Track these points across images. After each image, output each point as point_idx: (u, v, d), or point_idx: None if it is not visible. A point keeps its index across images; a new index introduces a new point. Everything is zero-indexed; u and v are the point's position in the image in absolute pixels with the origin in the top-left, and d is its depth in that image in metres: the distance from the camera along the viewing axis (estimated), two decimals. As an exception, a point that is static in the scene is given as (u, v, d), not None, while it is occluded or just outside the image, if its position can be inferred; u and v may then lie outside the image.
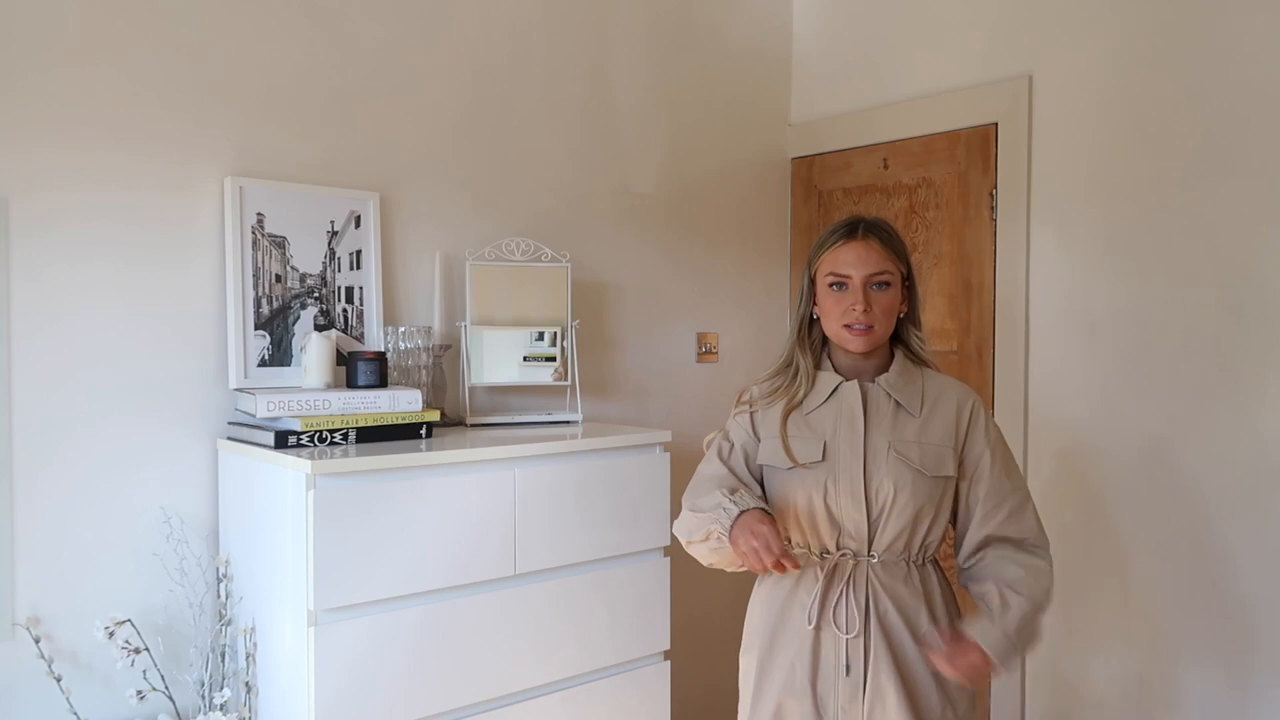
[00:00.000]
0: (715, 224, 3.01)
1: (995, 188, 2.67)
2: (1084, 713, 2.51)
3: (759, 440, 1.71)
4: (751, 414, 1.74)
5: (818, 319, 1.71)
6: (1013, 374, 2.64)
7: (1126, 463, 2.42)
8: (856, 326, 1.63)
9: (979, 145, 2.71)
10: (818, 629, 1.62)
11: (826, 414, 1.67)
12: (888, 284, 1.65)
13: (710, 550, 1.63)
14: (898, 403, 1.65)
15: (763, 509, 1.57)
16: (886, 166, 2.94)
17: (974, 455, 1.66)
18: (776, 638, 1.67)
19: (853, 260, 1.64)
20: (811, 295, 1.72)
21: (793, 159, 3.20)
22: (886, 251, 1.65)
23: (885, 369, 1.70)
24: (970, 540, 1.67)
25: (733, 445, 1.75)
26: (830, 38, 3.10)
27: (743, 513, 1.55)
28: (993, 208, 2.68)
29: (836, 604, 1.62)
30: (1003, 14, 2.65)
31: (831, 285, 1.66)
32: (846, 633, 1.61)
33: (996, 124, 2.66)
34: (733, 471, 1.71)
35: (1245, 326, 2.22)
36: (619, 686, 2.17)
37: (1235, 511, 2.25)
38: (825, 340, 1.73)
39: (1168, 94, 2.33)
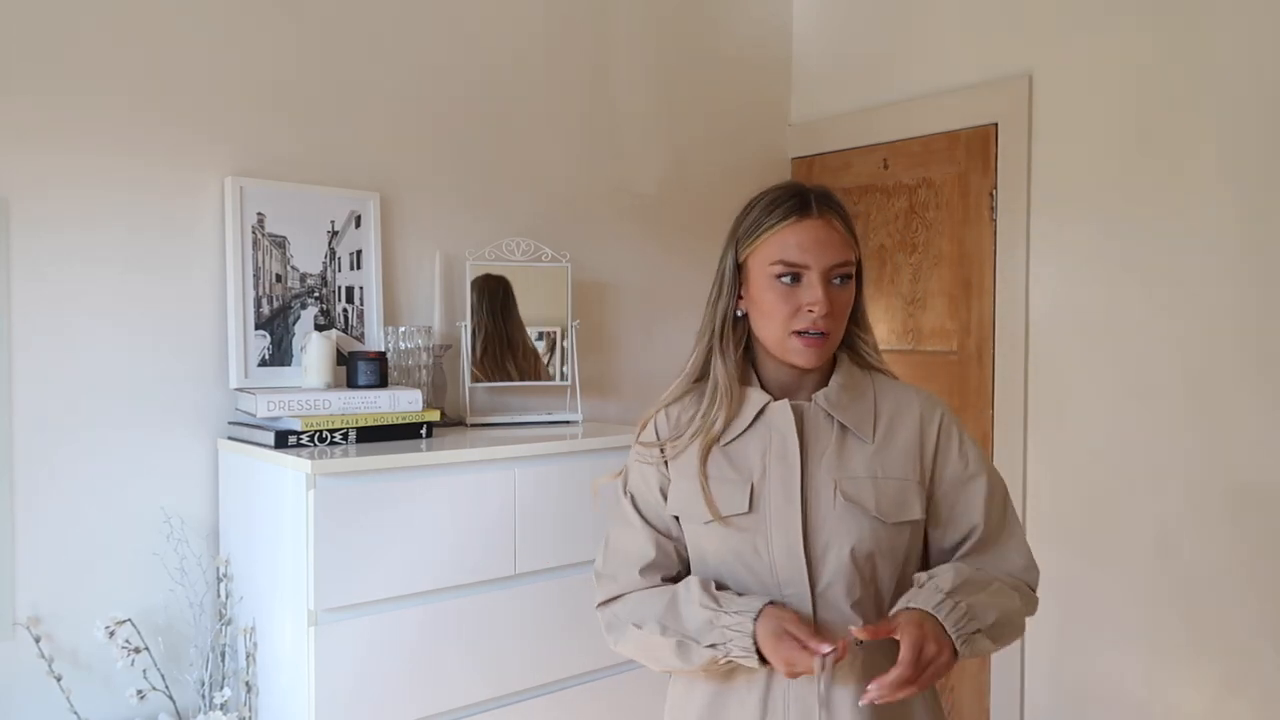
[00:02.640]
0: (715, 224, 2.97)
1: (995, 188, 2.67)
2: (1084, 712, 2.51)
3: (670, 481, 1.33)
4: (661, 447, 1.34)
5: (742, 316, 1.32)
6: (1013, 374, 2.64)
7: (1126, 462, 2.42)
8: (811, 334, 1.25)
9: (979, 145, 2.71)
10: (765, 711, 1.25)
11: (751, 445, 1.29)
12: (849, 277, 1.29)
13: (701, 670, 1.26)
14: (843, 426, 1.28)
15: (772, 602, 1.22)
16: (886, 166, 2.94)
17: (946, 482, 1.31)
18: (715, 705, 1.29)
19: (811, 244, 1.25)
20: (736, 284, 1.32)
21: (793, 159, 3.20)
22: (848, 234, 1.28)
23: (826, 380, 1.32)
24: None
25: (646, 495, 1.35)
26: (830, 38, 3.11)
27: (756, 621, 1.18)
28: (993, 208, 2.68)
29: (785, 697, 1.24)
30: (1003, 14, 2.65)
31: (780, 277, 1.26)
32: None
33: (996, 124, 2.66)
34: (659, 532, 1.34)
35: (1245, 326, 2.22)
36: (619, 686, 2.17)
37: (1234, 511, 2.25)
38: (748, 345, 1.34)
39: (1168, 93, 2.33)
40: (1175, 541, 2.34)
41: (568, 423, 2.40)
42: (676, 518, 1.35)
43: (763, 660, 1.19)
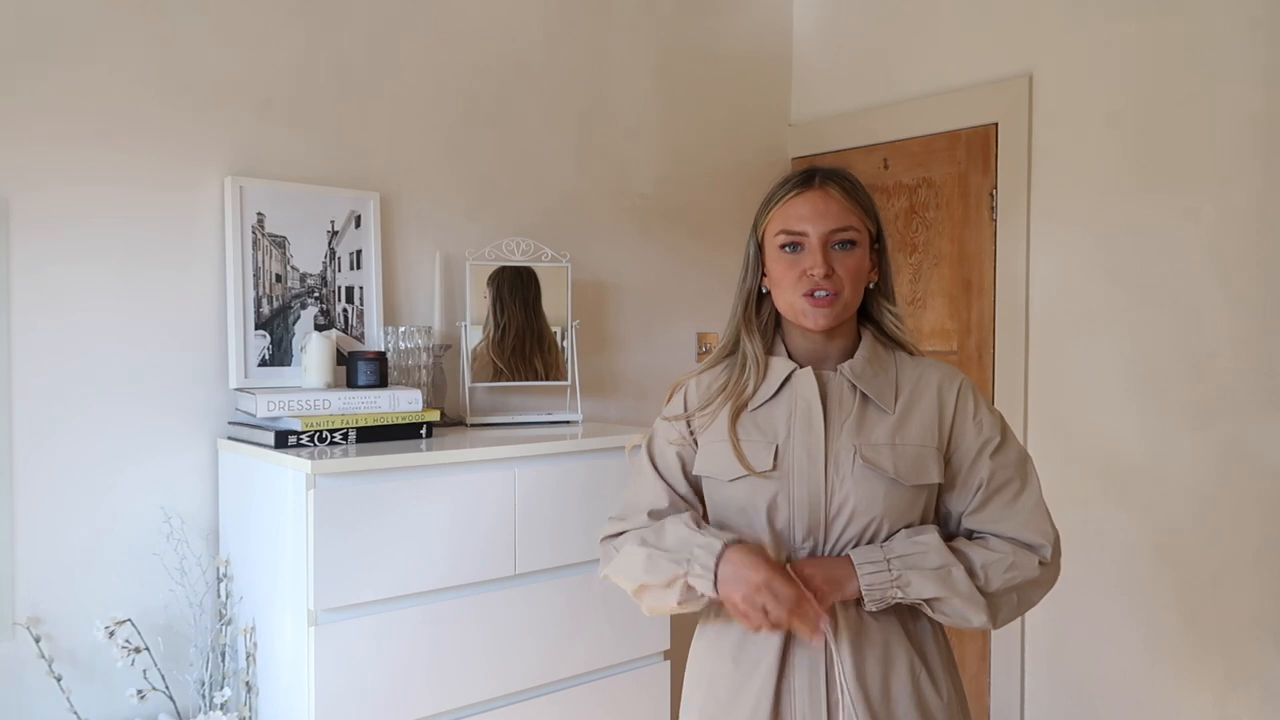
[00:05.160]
0: (715, 224, 3.01)
1: (995, 188, 2.67)
2: (1084, 712, 2.51)
3: (697, 446, 1.42)
4: (688, 419, 1.44)
5: (768, 293, 1.42)
6: (1013, 374, 2.64)
7: (1126, 462, 2.42)
8: (818, 294, 1.33)
9: (979, 145, 2.71)
10: (779, 690, 1.31)
11: (778, 410, 1.37)
12: (853, 243, 1.35)
13: (667, 597, 1.32)
14: (865, 396, 1.36)
15: (746, 542, 1.30)
16: (886, 166, 2.94)
17: (963, 449, 1.36)
18: (726, 693, 1.35)
19: (808, 214, 1.34)
20: (759, 263, 1.41)
21: (793, 159, 3.20)
22: (850, 204, 1.36)
23: (853, 353, 1.40)
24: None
25: (665, 454, 1.45)
26: (830, 37, 3.10)
27: (727, 547, 1.27)
28: (993, 208, 2.68)
29: (798, 655, 1.32)
30: (1003, 14, 2.65)
31: (784, 247, 1.36)
32: (811, 694, 1.31)
33: (996, 124, 2.66)
34: (673, 488, 1.43)
35: (1246, 326, 2.22)
36: (619, 686, 2.17)
37: (1234, 511, 2.25)
38: (778, 320, 1.43)
39: (1167, 93, 2.33)
40: (1175, 541, 2.34)
41: (568, 423, 2.40)
42: (692, 487, 1.43)
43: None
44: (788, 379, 1.38)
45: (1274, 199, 2.18)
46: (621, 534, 1.43)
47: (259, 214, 2.10)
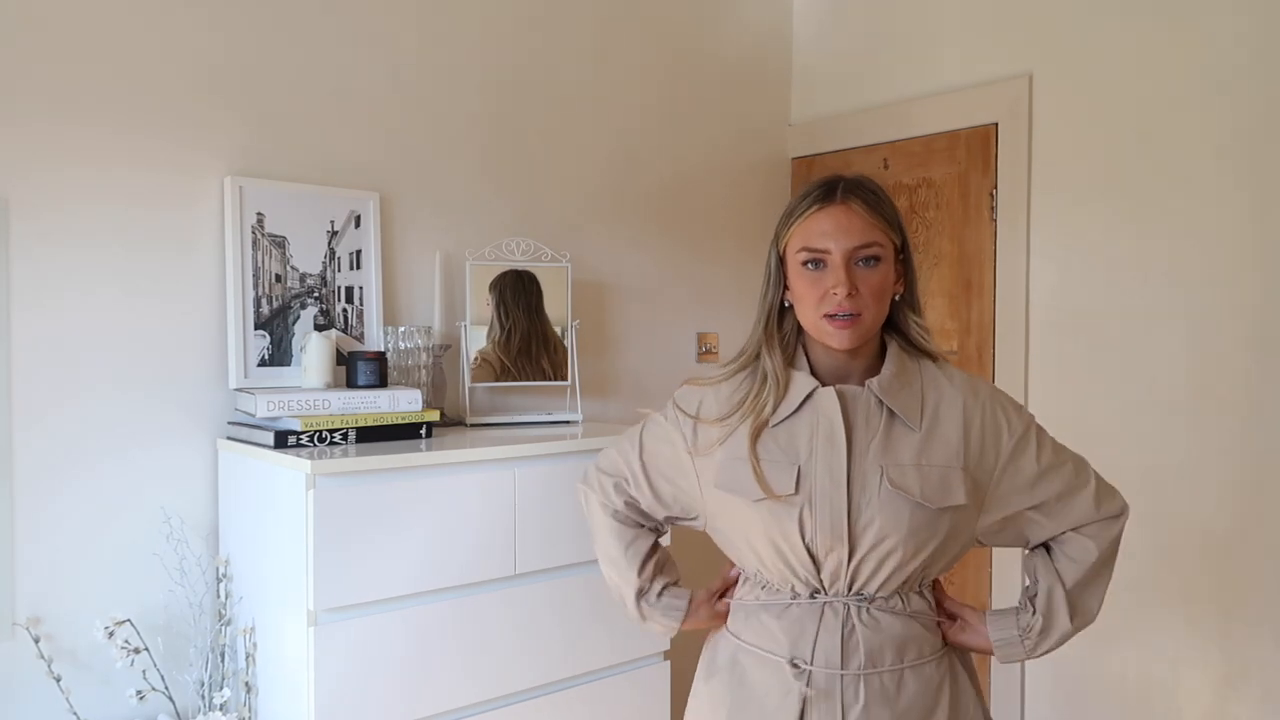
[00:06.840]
0: (716, 224, 3.01)
1: (995, 188, 2.67)
2: (1084, 712, 2.51)
3: (705, 459, 1.40)
4: (696, 422, 1.42)
5: (790, 306, 1.39)
6: (1013, 374, 2.64)
7: (1126, 462, 2.42)
8: (840, 316, 1.30)
9: (979, 145, 2.71)
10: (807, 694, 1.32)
11: (799, 428, 1.34)
12: (877, 259, 1.32)
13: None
14: (892, 412, 1.33)
15: (691, 594, 1.50)
16: (886, 166, 2.94)
17: (1000, 462, 1.35)
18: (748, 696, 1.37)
19: (831, 230, 1.30)
20: (781, 277, 1.38)
21: (793, 159, 3.20)
22: (874, 218, 1.32)
23: (877, 367, 1.37)
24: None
25: (657, 450, 1.48)
26: (830, 37, 3.10)
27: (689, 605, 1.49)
28: (993, 208, 2.68)
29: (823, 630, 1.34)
30: (1003, 14, 2.65)
31: (806, 264, 1.32)
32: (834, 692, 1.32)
33: (996, 124, 2.66)
34: (650, 484, 1.48)
35: (1246, 326, 2.22)
36: (619, 686, 2.17)
37: (1236, 510, 2.25)
38: (799, 331, 1.40)
39: (1167, 92, 2.33)
40: (1176, 541, 2.34)
41: (568, 423, 2.40)
42: (674, 514, 1.50)
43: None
44: (809, 396, 1.34)
45: (1273, 197, 2.18)
46: (595, 490, 1.57)
47: (259, 214, 2.10)
